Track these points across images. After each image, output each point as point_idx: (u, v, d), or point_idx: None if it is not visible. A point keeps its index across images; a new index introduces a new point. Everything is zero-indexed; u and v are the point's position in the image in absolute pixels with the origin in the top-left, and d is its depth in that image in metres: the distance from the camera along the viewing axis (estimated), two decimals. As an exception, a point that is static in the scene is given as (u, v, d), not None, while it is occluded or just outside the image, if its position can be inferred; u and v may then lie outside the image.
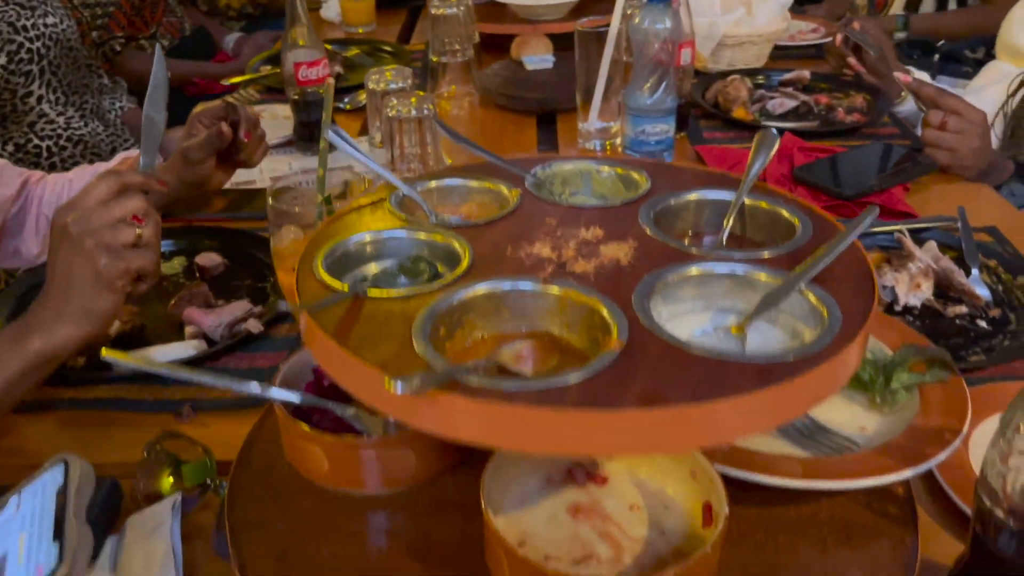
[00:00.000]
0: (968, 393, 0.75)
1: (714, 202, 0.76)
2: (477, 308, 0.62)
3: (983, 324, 1.04)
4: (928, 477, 0.80)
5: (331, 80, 0.88)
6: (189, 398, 0.96)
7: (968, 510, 0.72)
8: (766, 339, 0.62)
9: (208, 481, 0.81)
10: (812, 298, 0.60)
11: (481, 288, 0.62)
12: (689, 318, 0.64)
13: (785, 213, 0.73)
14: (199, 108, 1.24)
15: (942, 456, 0.68)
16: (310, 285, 0.64)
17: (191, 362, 1.01)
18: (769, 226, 0.74)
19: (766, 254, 0.66)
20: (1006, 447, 0.62)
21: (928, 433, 0.71)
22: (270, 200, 0.89)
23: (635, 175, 0.80)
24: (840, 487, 0.66)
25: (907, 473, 0.67)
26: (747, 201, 0.75)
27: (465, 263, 0.66)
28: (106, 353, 0.70)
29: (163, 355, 1.02)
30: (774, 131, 0.79)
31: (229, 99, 1.41)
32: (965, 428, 0.71)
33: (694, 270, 0.64)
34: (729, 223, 0.73)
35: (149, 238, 0.90)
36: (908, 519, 0.68)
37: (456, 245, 0.68)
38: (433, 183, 0.80)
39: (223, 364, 1.02)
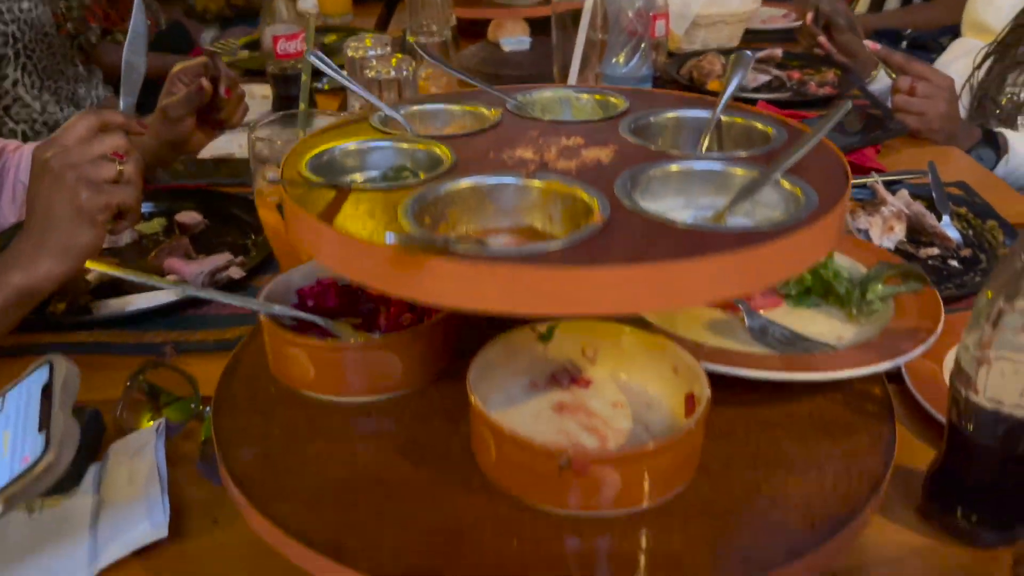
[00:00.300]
0: (941, 301, 0.77)
1: (692, 119, 0.78)
2: (461, 202, 0.63)
3: (955, 264, 1.07)
4: (906, 396, 0.82)
5: (312, 14, 0.89)
6: (170, 341, 0.96)
7: (942, 418, 0.74)
8: (745, 231, 0.63)
9: (192, 406, 0.81)
10: (787, 185, 0.62)
11: (465, 182, 0.63)
12: (669, 215, 0.65)
13: (759, 125, 0.74)
14: (178, 67, 1.24)
15: (917, 351, 0.70)
16: (294, 183, 0.64)
17: (174, 307, 1.01)
18: (745, 141, 0.75)
19: (743, 154, 0.68)
20: (979, 334, 0.64)
21: (903, 333, 0.73)
22: (252, 137, 0.90)
23: (613, 99, 0.81)
24: (819, 378, 0.67)
25: (885, 365, 0.68)
26: (723, 118, 0.76)
27: (448, 166, 0.66)
28: (90, 264, 0.70)
29: (145, 302, 1.01)
30: (748, 53, 0.81)
31: (208, 48, 1.41)
32: (939, 328, 0.73)
33: (674, 167, 0.66)
34: (707, 138, 0.75)
35: (131, 174, 0.90)
36: (885, 415, 0.69)
37: (439, 151, 0.69)
38: (415, 107, 0.81)
39: (204, 312, 1.02)
